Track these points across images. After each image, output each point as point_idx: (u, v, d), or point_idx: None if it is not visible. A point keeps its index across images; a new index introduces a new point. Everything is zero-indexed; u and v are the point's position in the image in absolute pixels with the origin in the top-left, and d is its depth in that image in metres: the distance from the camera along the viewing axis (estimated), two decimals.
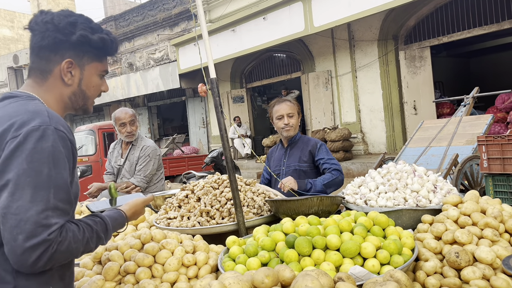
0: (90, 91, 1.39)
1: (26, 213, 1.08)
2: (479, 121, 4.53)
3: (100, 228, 1.28)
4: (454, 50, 12.61)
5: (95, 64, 1.38)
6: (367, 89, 10.51)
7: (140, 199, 1.56)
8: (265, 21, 10.56)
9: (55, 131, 1.16)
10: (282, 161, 3.06)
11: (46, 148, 1.13)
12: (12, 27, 28.22)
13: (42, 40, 1.29)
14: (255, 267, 1.53)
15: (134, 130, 3.67)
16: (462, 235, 1.58)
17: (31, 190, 1.10)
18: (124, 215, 1.45)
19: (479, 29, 8.66)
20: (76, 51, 1.32)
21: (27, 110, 1.20)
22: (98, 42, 1.34)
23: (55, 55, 1.31)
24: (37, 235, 1.08)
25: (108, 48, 1.39)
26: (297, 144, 3.05)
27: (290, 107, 3.01)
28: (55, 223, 1.11)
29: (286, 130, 2.99)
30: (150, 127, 17.26)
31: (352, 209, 2.01)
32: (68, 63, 1.31)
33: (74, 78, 1.34)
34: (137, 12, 16.45)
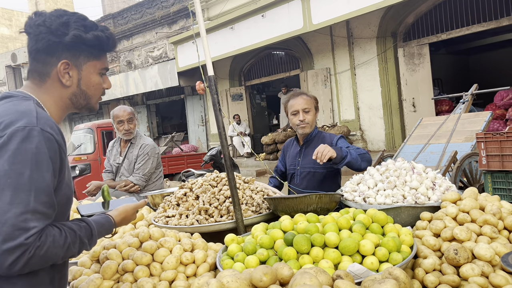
0: (90, 90, 1.37)
1: (4, 215, 1.06)
2: (478, 118, 4.53)
3: (84, 234, 1.25)
4: (453, 47, 12.60)
5: (93, 63, 1.35)
6: (366, 86, 10.51)
7: (130, 205, 1.53)
8: (263, 19, 10.54)
9: (41, 132, 1.14)
10: (297, 160, 2.87)
11: (29, 149, 1.11)
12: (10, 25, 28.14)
13: (37, 43, 1.27)
14: (254, 265, 1.52)
15: (132, 128, 3.67)
16: (461, 232, 1.57)
17: (10, 191, 1.07)
18: (112, 221, 1.42)
19: (478, 26, 8.65)
20: (71, 51, 1.30)
21: (16, 110, 1.18)
22: (93, 40, 1.31)
23: (51, 58, 1.29)
24: (14, 238, 1.05)
25: (105, 45, 1.36)
26: (313, 142, 2.83)
27: (306, 101, 2.79)
28: (33, 226, 1.08)
29: (302, 127, 2.78)
30: (149, 125, 17.24)
31: (351, 207, 2.01)
32: (65, 65, 1.30)
33: (72, 79, 1.32)
34: (135, 10, 16.41)
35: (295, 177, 2.84)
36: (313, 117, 2.81)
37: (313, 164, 2.72)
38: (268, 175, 11.59)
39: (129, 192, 3.53)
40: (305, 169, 2.78)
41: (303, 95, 2.83)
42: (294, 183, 2.85)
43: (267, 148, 11.90)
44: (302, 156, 2.84)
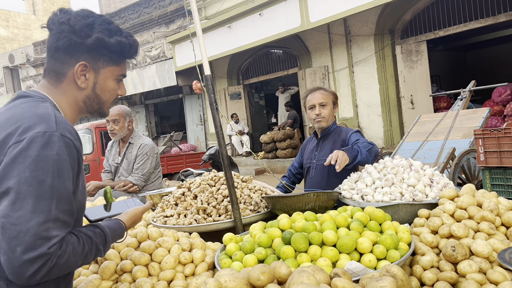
0: (105, 95, 1.35)
1: (27, 224, 1.03)
2: (476, 114, 4.54)
3: (99, 240, 1.24)
4: (451, 44, 12.61)
5: (111, 68, 1.33)
6: (364, 84, 10.51)
7: (139, 208, 1.52)
8: (261, 17, 10.54)
9: (61, 137, 1.11)
10: (314, 153, 2.88)
11: (50, 156, 1.08)
12: (8, 26, 28.07)
13: (58, 41, 1.24)
14: (252, 264, 1.52)
15: (116, 129, 3.64)
16: (458, 229, 1.58)
17: (32, 200, 1.05)
18: (124, 226, 1.41)
19: (475, 23, 8.65)
20: (92, 54, 1.27)
21: (34, 114, 1.15)
22: (115, 45, 1.28)
23: (70, 58, 1.26)
24: (36, 247, 1.03)
25: (126, 52, 1.33)
26: (330, 135, 2.85)
27: (323, 96, 2.80)
28: (55, 235, 1.06)
29: (317, 121, 2.79)
30: (148, 125, 17.23)
31: (349, 205, 2.01)
32: (82, 66, 1.27)
33: (88, 81, 1.29)
34: (133, 9, 16.38)
35: (311, 171, 2.85)
36: (330, 111, 2.81)
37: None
38: (267, 174, 11.61)
39: (128, 192, 3.53)
40: (320, 161, 2.79)
41: (320, 90, 2.85)
42: (310, 177, 2.87)
43: (266, 147, 11.91)
44: (319, 150, 2.86)
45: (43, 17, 29.57)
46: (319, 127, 2.82)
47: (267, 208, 2.26)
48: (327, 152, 2.74)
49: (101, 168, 4.06)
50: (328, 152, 2.70)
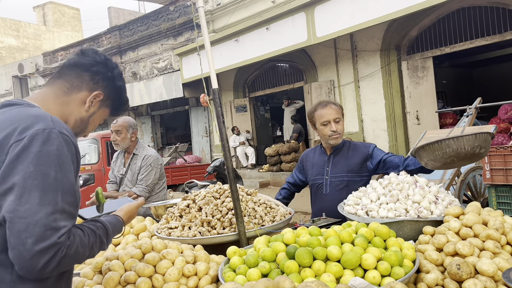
0: (91, 126, 1.46)
1: (35, 216, 1.06)
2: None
3: (102, 233, 1.29)
4: (457, 60, 12.63)
5: (107, 111, 1.49)
6: (370, 99, 10.53)
7: (133, 204, 1.58)
8: (268, 31, 10.63)
9: (60, 134, 1.17)
10: (325, 169, 2.76)
11: (51, 151, 1.13)
12: (18, 36, 28.50)
13: (92, 66, 1.39)
14: (255, 278, 1.52)
15: (118, 140, 3.66)
16: (463, 247, 1.57)
17: (39, 192, 1.08)
18: (122, 220, 1.46)
19: (482, 40, 8.68)
20: (109, 93, 1.44)
21: (30, 115, 1.20)
22: (124, 100, 1.52)
23: (94, 84, 1.40)
24: (46, 238, 1.06)
25: (123, 106, 1.53)
26: (342, 151, 2.75)
27: (336, 111, 2.69)
28: (63, 226, 1.10)
29: (334, 138, 2.68)
30: (153, 135, 17.30)
31: (353, 220, 2.01)
32: (99, 95, 1.41)
33: (91, 108, 1.41)
34: (141, 22, 16.59)
35: (324, 187, 2.74)
36: (343, 126, 2.74)
37: (347, 173, 2.68)
38: (272, 187, 11.58)
39: None
40: (336, 177, 2.70)
41: (331, 105, 2.74)
42: (322, 193, 2.75)
43: (271, 160, 11.90)
44: (331, 165, 2.74)
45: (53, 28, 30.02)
46: (335, 143, 2.71)
47: (272, 221, 2.26)
48: (342, 168, 2.68)
49: (106, 178, 4.07)
50: (344, 169, 2.67)
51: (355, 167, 2.68)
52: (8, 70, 23.69)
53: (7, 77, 23.65)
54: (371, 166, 2.69)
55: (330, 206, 2.47)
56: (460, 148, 1.92)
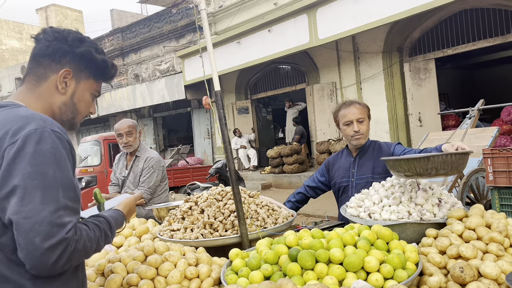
0: (80, 106, 1.40)
1: (39, 214, 1.08)
2: (484, 133, 4.52)
3: (105, 227, 1.31)
4: (459, 62, 12.61)
5: (91, 82, 1.40)
6: (372, 101, 10.52)
7: (131, 197, 1.61)
8: (270, 33, 10.65)
9: (52, 132, 1.17)
10: (351, 171, 2.69)
11: (46, 149, 1.14)
12: (21, 38, 28.62)
13: (47, 48, 1.31)
14: (258, 281, 1.52)
15: (131, 141, 3.68)
16: (466, 249, 1.56)
17: (40, 192, 1.10)
18: (122, 214, 1.48)
19: (484, 42, 8.66)
20: (77, 63, 1.35)
21: (19, 116, 1.20)
22: (100, 62, 1.37)
23: (56, 64, 1.33)
24: (54, 235, 1.08)
25: (107, 71, 1.42)
26: (368, 152, 2.68)
27: (360, 110, 2.62)
28: (69, 221, 1.12)
29: (357, 138, 2.61)
30: (156, 137, 17.33)
31: (356, 222, 2.00)
32: (67, 72, 1.33)
33: (68, 88, 1.35)
34: (144, 24, 16.64)
35: (349, 190, 2.67)
36: (367, 126, 2.66)
37: (372, 174, 2.62)
38: (274, 189, 11.57)
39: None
40: (362, 179, 2.63)
41: (355, 104, 2.66)
42: (348, 196, 2.63)
43: (273, 162, 11.89)
44: (357, 167, 2.67)
45: None
46: (358, 144, 2.64)
47: (274, 224, 2.26)
48: (368, 169, 2.61)
49: (108, 180, 4.08)
50: (369, 170, 2.60)
51: (379, 168, 2.59)
52: (11, 72, 23.77)
53: (10, 79, 23.73)
54: None
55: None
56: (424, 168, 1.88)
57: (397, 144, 2.67)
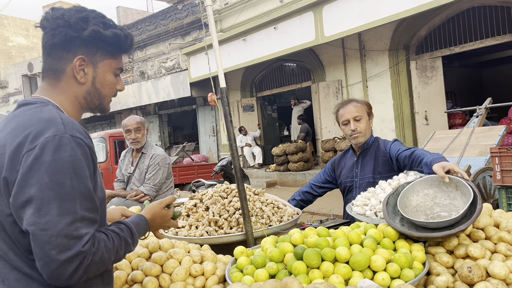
0: (105, 90, 1.34)
1: (56, 227, 1.06)
2: (492, 132, 4.48)
3: (127, 234, 1.26)
4: (467, 60, 12.51)
5: (108, 61, 1.31)
6: (378, 99, 10.47)
7: (155, 202, 1.50)
8: (276, 31, 10.61)
9: (71, 138, 1.13)
10: (355, 171, 2.67)
11: (64, 158, 1.10)
12: (27, 35, 28.75)
13: (53, 38, 1.24)
14: (263, 279, 1.51)
15: (139, 137, 3.69)
16: (475, 249, 1.54)
17: (57, 203, 1.07)
18: (145, 219, 1.40)
19: (492, 40, 8.58)
20: (89, 47, 1.26)
21: (40, 119, 1.16)
22: (111, 38, 1.28)
23: (67, 53, 1.25)
24: (71, 248, 1.06)
25: (122, 44, 1.32)
26: (370, 150, 2.64)
27: (356, 109, 2.59)
28: (86, 233, 1.09)
29: (354, 137, 2.59)
30: (161, 135, 17.37)
31: (362, 221, 1.99)
32: (81, 60, 1.26)
33: (87, 76, 1.29)
34: (149, 21, 16.66)
35: (354, 190, 2.64)
36: (366, 124, 2.61)
37: (372, 174, 2.59)
38: (279, 186, 11.56)
39: (140, 202, 3.55)
40: (364, 180, 2.61)
41: (353, 102, 2.65)
42: (352, 196, 2.60)
43: (278, 159, 11.88)
44: (360, 167, 2.65)
45: None
46: (357, 143, 2.62)
47: (279, 221, 2.25)
48: (369, 169, 2.59)
49: (114, 177, 4.09)
50: (370, 170, 2.57)
51: (379, 167, 2.57)
52: (18, 69, 23.90)
53: (17, 76, 23.87)
54: (394, 165, 2.52)
55: None
56: None
57: (393, 143, 2.59)
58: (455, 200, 1.74)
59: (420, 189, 1.84)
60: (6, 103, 24.55)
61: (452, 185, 1.78)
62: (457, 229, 1.54)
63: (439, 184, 1.82)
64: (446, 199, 1.77)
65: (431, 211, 1.73)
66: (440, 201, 1.77)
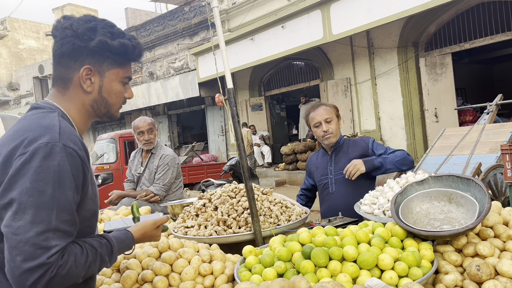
0: (112, 98, 1.35)
1: (26, 234, 1.04)
2: (503, 129, 4.43)
3: (105, 251, 1.23)
4: (477, 57, 12.38)
5: (115, 71, 1.33)
6: (387, 96, 10.41)
7: (149, 221, 1.48)
8: (283, 30, 10.61)
9: (64, 148, 1.13)
10: (329, 168, 2.82)
11: (51, 166, 1.10)
12: (38, 38, 29.06)
13: (62, 47, 1.26)
14: (271, 278, 1.52)
15: (152, 138, 3.73)
16: (483, 247, 1.54)
17: (32, 210, 1.06)
18: (132, 237, 1.39)
19: (502, 35, 8.48)
20: (95, 57, 1.28)
21: (40, 125, 1.17)
22: (119, 48, 1.29)
23: (74, 62, 1.27)
24: (35, 257, 1.04)
25: (130, 54, 1.33)
26: (342, 148, 2.83)
27: (326, 111, 2.77)
28: (55, 245, 1.07)
29: (327, 137, 2.75)
30: (170, 135, 17.46)
31: (370, 220, 1.99)
32: (87, 70, 1.28)
33: (93, 85, 1.30)
34: (158, 22, 16.75)
35: (329, 186, 2.80)
36: (337, 125, 2.78)
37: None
38: (288, 185, 11.56)
39: (150, 202, 3.58)
40: (338, 176, 2.76)
41: (322, 106, 2.82)
42: (330, 192, 2.81)
43: (287, 158, 11.88)
44: (334, 164, 2.81)
45: None
46: (329, 143, 2.78)
47: (288, 221, 2.26)
48: (344, 164, 2.69)
49: (124, 177, 4.13)
50: (345, 163, 2.68)
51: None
52: (29, 71, 24.20)
53: (28, 78, 24.16)
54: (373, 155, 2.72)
55: (339, 204, 2.56)
56: None
57: (374, 141, 2.82)
58: (451, 214, 1.71)
59: (413, 206, 1.80)
60: (18, 105, 24.88)
61: (444, 199, 1.76)
62: (465, 227, 1.53)
63: (430, 200, 1.79)
64: (440, 214, 1.75)
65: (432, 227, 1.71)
66: (435, 216, 1.74)
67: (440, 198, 1.78)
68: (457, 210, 1.70)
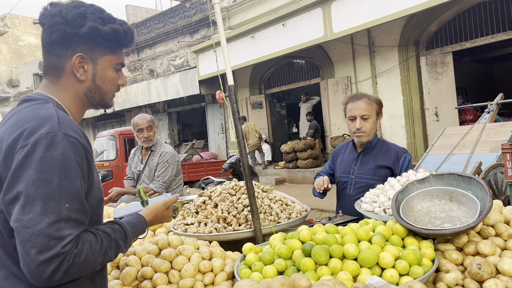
0: (106, 86, 1.31)
1: (37, 226, 1.03)
2: (503, 128, 4.43)
3: (118, 236, 1.23)
4: (478, 56, 12.36)
5: (108, 57, 1.29)
6: (388, 95, 10.40)
7: (159, 202, 1.48)
8: (284, 28, 10.59)
9: (65, 137, 1.11)
10: (352, 168, 2.60)
11: (55, 156, 1.08)
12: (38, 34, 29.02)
13: (51, 35, 1.22)
14: (271, 275, 1.52)
15: (151, 135, 3.72)
16: (485, 246, 1.53)
17: (41, 201, 1.05)
18: (144, 220, 1.39)
19: (503, 34, 8.46)
20: (87, 44, 1.24)
21: (37, 116, 1.14)
22: (110, 33, 1.25)
23: (66, 50, 1.23)
24: (50, 248, 1.03)
25: (122, 39, 1.29)
26: (373, 151, 2.57)
27: (366, 106, 2.47)
28: (68, 234, 1.06)
29: (358, 135, 2.52)
30: (170, 132, 17.45)
31: (371, 218, 1.98)
32: (79, 58, 1.24)
33: (87, 73, 1.27)
34: (158, 19, 16.72)
35: (348, 187, 2.60)
36: (373, 124, 2.51)
37: (372, 175, 2.51)
38: (287, 184, 11.55)
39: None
40: (361, 179, 2.54)
41: (364, 99, 2.51)
42: (346, 193, 2.61)
43: (287, 157, 11.87)
44: (359, 165, 2.58)
45: None
46: (359, 142, 2.56)
47: (288, 219, 2.25)
48: (369, 170, 2.52)
49: (124, 174, 4.12)
50: (370, 171, 2.51)
51: (381, 171, 2.50)
52: (29, 68, 24.19)
53: (28, 75, 24.15)
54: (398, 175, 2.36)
55: (352, 207, 2.30)
56: None
57: (410, 160, 2.52)
58: (452, 212, 1.71)
59: (414, 204, 1.80)
60: (18, 101, 24.86)
61: (445, 197, 1.75)
62: (466, 226, 1.53)
63: (431, 198, 1.78)
64: (441, 212, 1.74)
65: (433, 225, 1.70)
66: (436, 215, 1.73)
67: (441, 197, 1.77)
68: (458, 209, 1.70)
